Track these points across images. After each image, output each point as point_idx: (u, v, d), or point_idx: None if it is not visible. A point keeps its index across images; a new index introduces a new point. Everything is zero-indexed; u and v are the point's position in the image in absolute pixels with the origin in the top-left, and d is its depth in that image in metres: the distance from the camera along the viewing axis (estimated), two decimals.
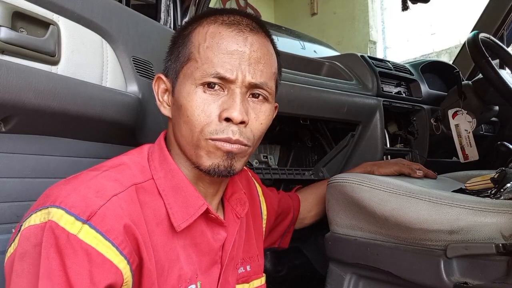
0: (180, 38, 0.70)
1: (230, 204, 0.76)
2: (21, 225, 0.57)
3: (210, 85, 0.63)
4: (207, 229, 0.69)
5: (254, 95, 0.66)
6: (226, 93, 0.64)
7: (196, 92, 0.63)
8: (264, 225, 0.92)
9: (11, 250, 0.57)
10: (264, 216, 0.92)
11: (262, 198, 0.93)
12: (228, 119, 0.63)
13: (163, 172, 0.66)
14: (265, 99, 0.67)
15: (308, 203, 1.10)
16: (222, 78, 0.63)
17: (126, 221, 0.57)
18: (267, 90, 0.67)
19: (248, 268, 0.80)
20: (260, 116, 0.67)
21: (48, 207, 0.55)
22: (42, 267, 0.52)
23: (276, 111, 0.76)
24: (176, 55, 0.69)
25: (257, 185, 0.93)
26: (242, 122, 0.63)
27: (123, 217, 0.57)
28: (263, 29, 0.69)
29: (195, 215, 0.66)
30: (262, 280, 0.83)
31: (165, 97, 0.71)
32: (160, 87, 0.71)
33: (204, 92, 0.63)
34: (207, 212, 0.67)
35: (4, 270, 0.57)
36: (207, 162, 0.64)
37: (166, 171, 0.66)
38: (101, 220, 0.55)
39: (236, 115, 0.62)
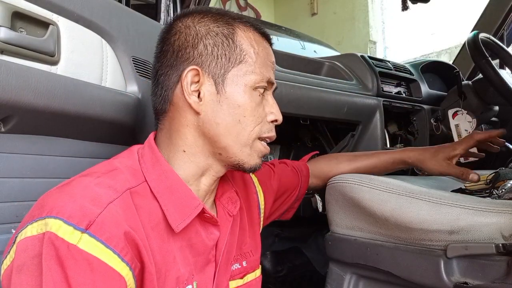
0: (215, 37, 0.68)
1: (222, 203, 0.76)
2: (16, 236, 0.56)
3: (261, 89, 0.70)
4: (201, 228, 0.69)
5: None
6: (263, 97, 0.72)
7: (253, 94, 0.69)
8: (262, 214, 0.92)
9: (7, 262, 0.55)
10: (262, 206, 0.92)
11: (259, 188, 0.92)
12: (274, 121, 0.73)
13: (156, 174, 0.65)
14: None
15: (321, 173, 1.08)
16: (270, 83, 0.72)
17: (125, 227, 0.56)
18: None
19: (244, 263, 0.80)
20: None
21: (45, 218, 0.54)
22: (45, 279, 0.51)
23: None
24: (219, 54, 0.68)
25: (252, 175, 0.92)
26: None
27: (122, 224, 0.56)
28: None
29: (192, 215, 0.66)
30: (257, 273, 0.83)
31: (191, 89, 0.68)
32: (190, 79, 0.67)
33: (258, 95, 0.70)
34: (202, 212, 0.68)
35: (1, 282, 0.56)
36: (253, 161, 0.72)
37: (159, 173, 0.66)
38: (100, 228, 0.54)
39: (281, 118, 0.73)
